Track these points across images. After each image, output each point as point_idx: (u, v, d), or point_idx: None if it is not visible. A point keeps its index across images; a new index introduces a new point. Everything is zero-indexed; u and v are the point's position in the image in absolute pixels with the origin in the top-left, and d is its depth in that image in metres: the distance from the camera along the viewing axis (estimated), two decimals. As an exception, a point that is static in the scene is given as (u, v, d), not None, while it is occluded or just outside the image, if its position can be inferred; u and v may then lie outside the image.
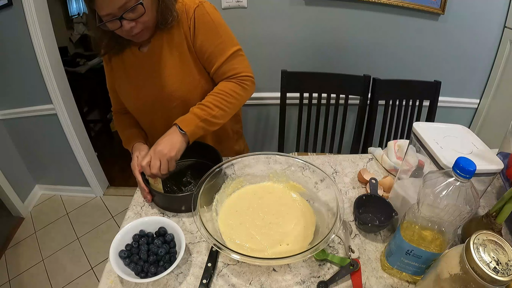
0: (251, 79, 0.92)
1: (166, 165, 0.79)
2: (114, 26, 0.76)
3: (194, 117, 0.83)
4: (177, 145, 0.80)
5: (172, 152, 0.79)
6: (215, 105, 0.85)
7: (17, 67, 1.66)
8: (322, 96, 1.46)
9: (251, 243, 0.69)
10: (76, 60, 2.72)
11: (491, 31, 1.57)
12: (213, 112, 0.84)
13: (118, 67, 0.93)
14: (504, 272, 0.41)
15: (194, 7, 0.83)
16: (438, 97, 1.46)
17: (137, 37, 0.82)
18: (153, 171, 0.78)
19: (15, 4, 1.47)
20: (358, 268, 0.64)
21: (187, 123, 0.82)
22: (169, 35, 0.86)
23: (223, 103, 0.86)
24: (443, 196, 0.49)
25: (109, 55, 0.92)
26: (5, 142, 1.96)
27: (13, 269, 1.76)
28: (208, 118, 0.84)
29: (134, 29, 0.78)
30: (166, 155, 0.78)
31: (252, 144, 1.99)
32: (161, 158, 0.78)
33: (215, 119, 0.85)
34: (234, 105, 0.89)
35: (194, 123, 0.82)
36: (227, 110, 0.87)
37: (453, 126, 0.69)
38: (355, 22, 1.55)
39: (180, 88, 0.90)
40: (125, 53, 0.91)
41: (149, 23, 0.80)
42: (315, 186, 0.78)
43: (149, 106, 0.95)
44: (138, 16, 0.76)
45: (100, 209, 2.15)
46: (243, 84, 0.90)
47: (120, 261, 0.64)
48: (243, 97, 0.91)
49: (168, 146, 0.79)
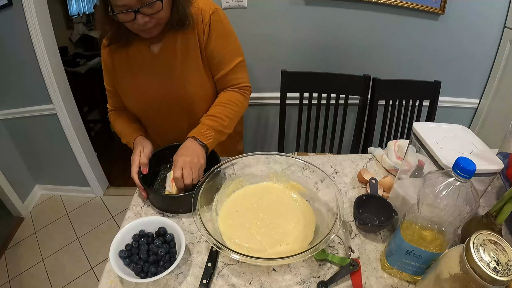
0: (250, 89, 0.99)
1: (197, 174, 0.79)
2: (127, 18, 0.75)
3: (209, 129, 0.85)
4: (202, 154, 0.82)
5: (201, 160, 0.81)
6: (226, 116, 0.89)
7: (17, 67, 1.66)
8: (322, 96, 1.46)
9: (251, 243, 0.69)
10: (76, 60, 2.72)
11: (491, 31, 1.57)
12: (225, 123, 0.88)
13: (122, 63, 0.91)
14: (504, 272, 0.41)
15: (210, 13, 0.86)
16: (438, 97, 1.46)
17: (147, 32, 0.81)
18: (188, 182, 0.77)
19: (15, 4, 1.47)
20: (358, 268, 0.64)
21: (205, 136, 0.84)
22: (184, 37, 0.87)
23: (232, 113, 0.90)
24: (443, 196, 0.49)
25: (113, 50, 0.90)
26: (5, 142, 1.96)
27: (13, 269, 1.76)
28: (221, 129, 0.88)
29: (147, 24, 0.77)
30: (197, 164, 0.79)
31: (252, 144, 1.98)
32: (193, 168, 0.78)
33: (226, 129, 0.90)
34: (239, 114, 0.94)
35: (211, 135, 0.85)
36: (234, 119, 0.93)
37: (453, 126, 0.69)
38: (355, 22, 1.54)
39: (189, 89, 0.91)
40: (130, 49, 0.89)
41: (162, 20, 0.81)
42: (315, 186, 0.78)
43: (153, 105, 0.94)
44: (155, 12, 0.76)
45: (100, 209, 2.15)
46: (245, 94, 0.96)
47: (120, 261, 0.64)
48: (245, 106, 0.97)
49: (195, 156, 0.80)
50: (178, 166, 0.78)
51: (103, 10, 0.77)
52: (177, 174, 0.77)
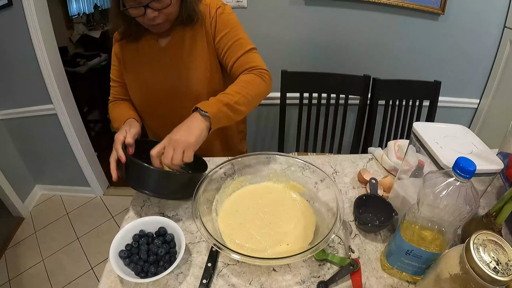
0: (269, 73, 0.90)
1: (180, 155, 0.69)
2: (137, 12, 0.78)
3: (217, 101, 0.77)
4: (196, 131, 0.71)
5: (190, 138, 0.69)
6: (236, 92, 0.81)
7: (17, 67, 1.66)
8: (322, 96, 1.46)
9: (251, 243, 0.69)
10: (76, 60, 2.72)
11: (491, 31, 1.57)
12: (235, 98, 0.79)
13: (132, 56, 0.94)
14: (504, 272, 0.41)
15: (216, 8, 0.89)
16: (438, 97, 1.46)
17: (157, 27, 0.84)
18: (166, 162, 0.69)
19: (15, 4, 1.47)
20: (358, 268, 0.64)
21: (209, 105, 0.75)
22: (192, 32, 0.90)
23: (244, 90, 0.82)
24: (443, 196, 0.49)
25: (124, 44, 0.93)
26: (5, 142, 1.96)
27: (13, 269, 1.76)
28: (231, 103, 0.78)
29: (156, 19, 0.80)
30: (183, 143, 0.69)
31: (252, 144, 1.99)
32: (175, 147, 0.69)
33: (238, 105, 0.80)
34: (255, 94, 0.85)
35: (217, 106, 0.76)
36: (249, 98, 0.83)
37: (453, 126, 0.69)
38: (355, 22, 1.55)
39: (195, 83, 0.92)
40: (140, 43, 0.92)
41: (171, 15, 0.83)
42: (315, 186, 0.78)
43: (158, 98, 0.95)
44: (163, 7, 0.79)
45: (100, 209, 2.15)
46: (262, 77, 0.88)
47: (120, 261, 0.64)
48: (263, 87, 0.87)
49: (185, 132, 0.70)
50: (161, 143, 0.71)
51: (115, 5, 0.80)
52: (153, 151, 0.70)
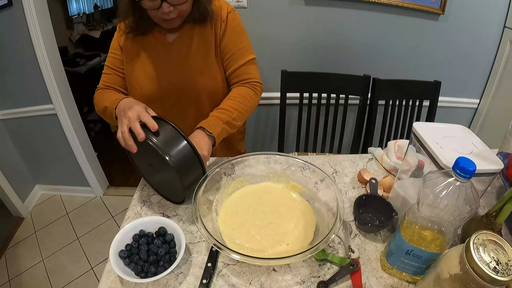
0: (261, 85, 1.00)
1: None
2: (153, 5, 0.79)
3: (218, 120, 0.86)
4: (207, 146, 0.81)
5: (205, 152, 0.79)
6: (234, 108, 0.89)
7: (17, 67, 1.66)
8: (322, 96, 1.46)
9: (251, 243, 0.69)
10: (76, 60, 2.72)
11: (491, 31, 1.57)
12: (233, 115, 0.89)
13: (137, 50, 0.94)
14: (504, 272, 0.41)
15: (228, 11, 0.92)
16: (438, 97, 1.46)
17: (169, 23, 0.85)
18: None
19: (15, 4, 1.47)
20: (358, 268, 0.64)
21: (212, 126, 0.84)
22: (201, 30, 0.91)
23: (240, 106, 0.91)
24: (443, 196, 0.49)
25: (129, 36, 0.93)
26: (5, 142, 1.96)
27: (13, 269, 1.76)
28: (230, 120, 0.87)
29: (171, 14, 0.81)
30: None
31: (252, 144, 1.99)
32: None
33: (235, 121, 0.89)
34: (249, 108, 0.95)
35: (219, 125, 0.85)
36: (244, 112, 0.93)
37: (453, 126, 0.69)
38: (355, 22, 1.55)
39: (199, 80, 0.94)
40: (146, 37, 0.93)
41: (184, 12, 0.85)
42: (315, 186, 0.78)
43: (162, 92, 0.95)
44: (179, 3, 0.80)
45: (100, 209, 2.15)
46: (255, 90, 0.97)
47: (120, 261, 0.64)
48: (255, 101, 0.98)
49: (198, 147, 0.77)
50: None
51: None
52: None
